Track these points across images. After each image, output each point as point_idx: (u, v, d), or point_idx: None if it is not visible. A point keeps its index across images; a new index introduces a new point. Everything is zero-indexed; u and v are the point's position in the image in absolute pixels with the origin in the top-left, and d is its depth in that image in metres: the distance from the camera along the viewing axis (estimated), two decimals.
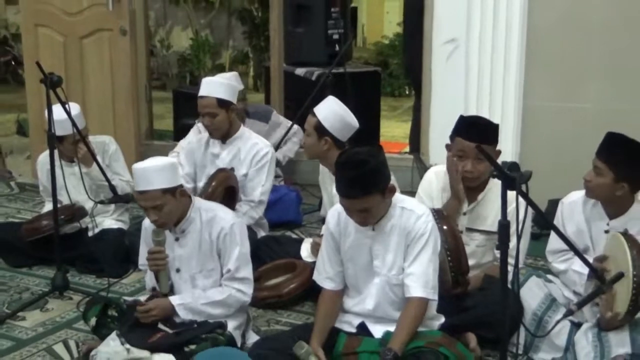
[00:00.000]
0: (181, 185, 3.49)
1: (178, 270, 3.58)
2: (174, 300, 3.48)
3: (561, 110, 5.49)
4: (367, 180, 3.10)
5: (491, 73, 5.49)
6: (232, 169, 4.66)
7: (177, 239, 3.56)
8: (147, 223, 3.61)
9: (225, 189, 4.50)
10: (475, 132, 3.67)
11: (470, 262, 3.76)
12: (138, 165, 3.40)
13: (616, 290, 3.31)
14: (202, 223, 3.53)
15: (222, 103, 4.60)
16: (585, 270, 3.49)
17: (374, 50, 13.07)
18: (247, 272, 3.59)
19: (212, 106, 4.58)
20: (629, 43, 5.30)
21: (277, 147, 5.58)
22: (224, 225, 3.51)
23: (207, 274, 3.57)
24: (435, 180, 3.94)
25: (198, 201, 3.61)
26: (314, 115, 4.28)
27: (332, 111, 4.28)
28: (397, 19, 11.88)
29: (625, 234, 3.40)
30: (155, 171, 3.36)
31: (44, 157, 4.75)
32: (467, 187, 3.79)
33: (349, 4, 6.90)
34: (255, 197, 4.70)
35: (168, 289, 3.56)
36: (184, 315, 3.47)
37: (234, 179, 4.61)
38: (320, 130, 4.23)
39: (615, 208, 3.54)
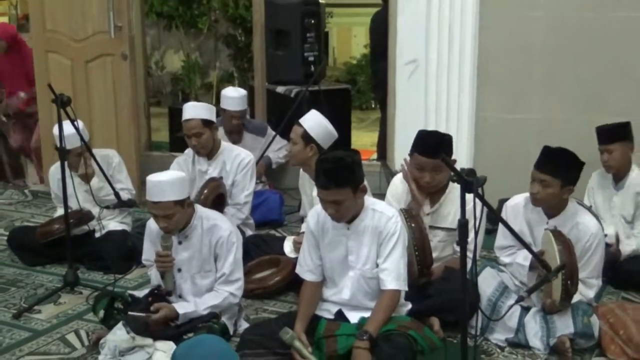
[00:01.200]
0: (189, 197, 3.48)
1: (180, 270, 3.58)
2: (180, 309, 3.46)
3: (509, 121, 5.52)
4: (341, 174, 3.13)
5: (447, 89, 5.51)
6: (221, 178, 4.65)
7: (180, 243, 3.55)
8: (151, 223, 3.60)
9: (216, 196, 4.49)
10: (431, 148, 3.68)
11: (433, 255, 3.79)
12: (153, 178, 3.38)
13: (552, 281, 3.36)
14: (203, 230, 3.53)
15: (206, 123, 4.59)
16: (527, 262, 3.53)
17: (343, 69, 13.09)
18: (240, 274, 3.60)
19: (198, 127, 4.56)
20: (565, 61, 5.34)
21: (263, 153, 5.57)
22: (222, 234, 3.51)
23: (205, 275, 3.57)
24: (401, 185, 3.95)
25: (200, 210, 3.59)
26: (300, 125, 4.28)
27: (316, 121, 4.30)
28: (364, 41, 11.89)
29: (553, 230, 3.44)
30: (168, 184, 3.35)
31: (54, 168, 4.71)
32: (429, 192, 3.81)
33: (322, 30, 6.89)
34: (240, 200, 4.70)
35: (172, 286, 3.56)
36: (183, 319, 3.46)
37: (223, 187, 4.60)
38: (307, 138, 4.24)
39: (554, 209, 3.57)
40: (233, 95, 5.60)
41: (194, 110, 4.63)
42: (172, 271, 3.54)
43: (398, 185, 3.98)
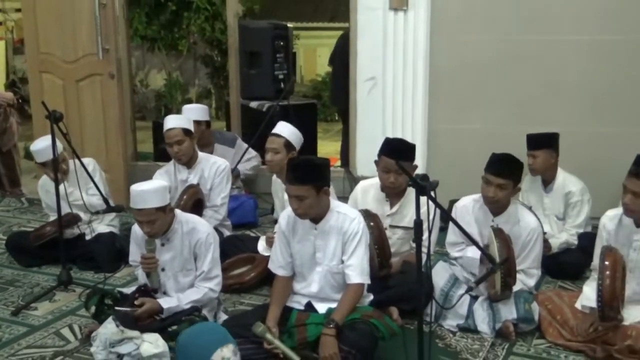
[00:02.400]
0: (169, 204, 3.44)
1: (163, 270, 3.55)
2: (164, 303, 3.43)
3: (457, 131, 5.55)
4: (307, 172, 3.15)
5: (402, 104, 5.54)
6: (199, 184, 4.61)
7: (163, 245, 3.52)
8: (136, 227, 3.56)
9: (194, 201, 4.46)
10: (396, 152, 3.70)
11: (392, 250, 3.81)
12: (136, 187, 3.34)
13: (495, 273, 3.39)
14: (183, 233, 3.51)
15: (187, 132, 4.56)
16: (477, 255, 3.56)
17: (310, 85, 13.13)
18: (218, 271, 3.57)
19: (179, 135, 4.52)
20: (504, 80, 5.40)
21: (236, 166, 5.54)
22: (200, 236, 3.49)
23: (187, 273, 3.55)
24: (360, 192, 3.98)
25: (180, 215, 3.56)
26: (279, 136, 4.27)
27: (291, 130, 4.32)
28: (327, 61, 11.93)
29: (495, 229, 3.48)
30: (151, 193, 3.32)
31: (42, 180, 4.67)
32: (391, 194, 3.83)
33: (290, 51, 6.89)
34: (217, 202, 4.66)
35: (158, 284, 3.53)
36: (167, 313, 3.43)
37: (200, 193, 4.56)
38: (289, 146, 4.24)
39: (500, 208, 3.61)
40: (187, 108, 5.56)
41: (175, 121, 4.60)
42: (156, 271, 3.51)
43: (358, 192, 4.01)
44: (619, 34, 5.12)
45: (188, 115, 5.27)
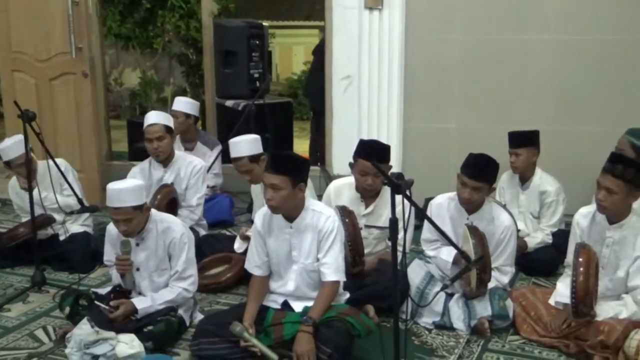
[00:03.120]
0: (146, 203, 3.42)
1: (138, 269, 3.52)
2: (138, 304, 3.40)
3: (432, 130, 5.60)
4: (287, 163, 3.17)
5: (378, 102, 5.57)
6: (172, 184, 4.59)
7: (137, 245, 3.49)
8: (111, 227, 3.54)
9: (169, 201, 4.43)
10: (373, 154, 3.70)
11: (368, 249, 3.82)
12: (113, 186, 3.31)
13: (470, 271, 3.42)
14: (157, 232, 3.48)
15: (168, 129, 4.54)
16: (450, 259, 3.58)
17: (286, 84, 13.14)
18: (192, 271, 3.55)
19: (161, 131, 4.50)
20: (478, 78, 5.46)
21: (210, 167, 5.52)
22: (175, 236, 3.47)
23: (161, 273, 3.52)
24: (333, 192, 3.99)
25: (154, 214, 3.54)
26: (240, 158, 4.28)
27: (246, 143, 4.31)
28: (303, 59, 11.95)
29: (470, 226, 3.50)
30: (127, 191, 3.30)
31: (12, 181, 4.61)
32: (367, 195, 3.85)
33: (266, 49, 6.88)
34: (193, 202, 4.64)
35: (132, 285, 3.51)
36: (143, 314, 3.40)
37: (175, 192, 4.54)
38: (253, 158, 4.26)
39: (473, 207, 3.63)
40: (179, 99, 5.64)
41: (157, 117, 4.58)
42: (131, 272, 3.49)
43: (331, 191, 4.02)
44: (592, 34, 5.19)
45: (179, 106, 5.46)
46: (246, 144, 4.34)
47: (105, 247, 3.64)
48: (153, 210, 3.58)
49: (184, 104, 5.53)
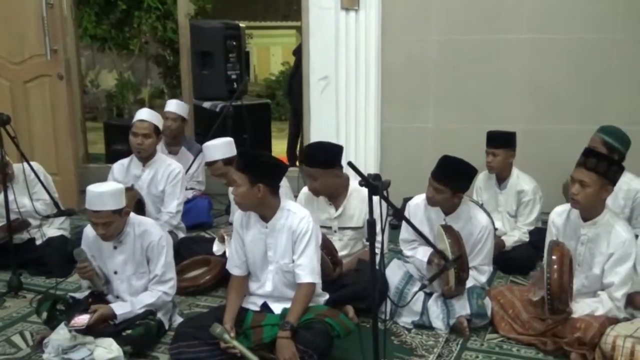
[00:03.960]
0: (125, 206, 3.40)
1: (116, 273, 3.49)
2: (117, 309, 3.37)
3: (409, 130, 5.62)
4: (247, 161, 3.18)
5: (355, 102, 5.57)
6: (132, 185, 4.54)
7: (115, 248, 3.46)
8: (88, 230, 3.51)
9: (135, 203, 4.38)
10: (313, 159, 3.76)
11: (344, 252, 3.86)
12: (94, 189, 3.28)
13: (448, 270, 3.43)
14: (135, 235, 3.45)
15: (156, 130, 4.53)
16: (425, 258, 3.61)
17: (264, 84, 13.12)
18: (171, 274, 3.53)
19: (149, 129, 4.49)
20: (454, 78, 5.49)
21: (187, 169, 5.50)
22: (153, 239, 3.45)
23: (140, 276, 3.50)
24: (304, 198, 3.99)
25: (132, 217, 3.51)
26: (214, 162, 4.33)
27: (218, 146, 4.32)
28: (281, 60, 11.93)
29: (444, 226, 3.52)
30: (108, 195, 3.27)
31: None
32: (333, 196, 3.86)
33: (243, 50, 6.87)
34: (172, 209, 4.61)
35: (102, 287, 3.48)
36: (122, 319, 3.37)
37: (138, 193, 4.50)
38: (229, 162, 4.24)
39: (449, 208, 3.64)
40: (173, 101, 5.69)
41: (150, 115, 4.59)
42: (97, 275, 3.47)
43: (301, 197, 4.03)
44: (568, 34, 5.24)
45: (174, 108, 5.54)
46: (220, 148, 4.34)
47: None
48: (131, 214, 3.56)
49: (179, 106, 5.58)
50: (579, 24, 5.21)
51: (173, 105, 5.63)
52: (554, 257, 3.22)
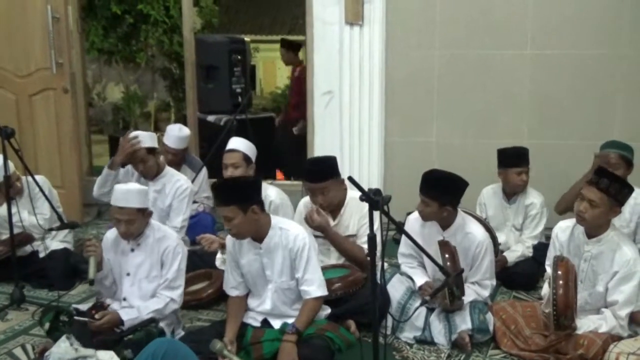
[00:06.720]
0: (148, 208, 3.46)
1: (128, 274, 3.52)
2: (124, 316, 3.39)
3: (412, 144, 5.62)
4: (228, 192, 3.15)
5: (359, 116, 5.58)
6: None
7: (132, 250, 3.51)
8: (108, 234, 3.58)
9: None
10: (314, 174, 3.79)
11: (341, 261, 3.90)
12: (121, 186, 3.41)
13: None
14: (154, 240, 3.51)
15: (150, 150, 4.47)
16: (420, 282, 3.64)
17: (269, 98, 13.14)
18: (181, 281, 3.56)
19: (143, 155, 4.44)
20: (458, 93, 5.49)
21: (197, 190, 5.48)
22: (170, 244, 3.50)
23: (152, 280, 3.52)
24: (303, 208, 4.00)
25: (152, 222, 3.56)
26: (236, 150, 4.24)
27: (246, 145, 4.31)
28: (287, 73, 11.97)
29: (441, 242, 3.51)
30: (134, 192, 3.37)
31: None
32: (330, 208, 3.88)
33: (248, 64, 6.91)
34: (177, 224, 4.55)
35: (94, 276, 3.37)
36: (129, 325, 3.38)
37: None
38: (247, 159, 4.24)
39: (444, 223, 3.64)
40: (174, 134, 5.37)
41: (147, 138, 4.47)
42: (97, 260, 3.38)
43: (301, 208, 4.04)
44: (571, 49, 5.25)
45: (173, 144, 5.29)
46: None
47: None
48: (151, 219, 3.59)
49: (179, 141, 5.33)
50: (584, 39, 5.22)
51: (173, 141, 5.31)
52: (559, 273, 3.20)
